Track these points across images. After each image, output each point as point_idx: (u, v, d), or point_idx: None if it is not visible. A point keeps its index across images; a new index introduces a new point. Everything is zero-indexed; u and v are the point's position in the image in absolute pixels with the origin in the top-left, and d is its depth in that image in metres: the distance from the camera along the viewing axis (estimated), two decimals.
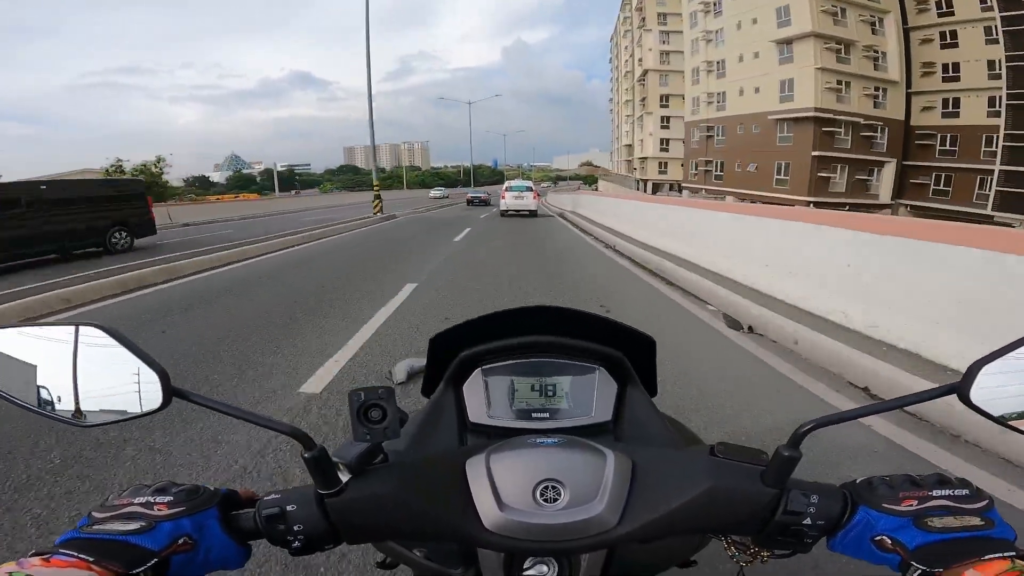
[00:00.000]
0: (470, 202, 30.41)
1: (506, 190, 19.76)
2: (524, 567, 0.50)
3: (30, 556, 0.37)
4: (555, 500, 0.44)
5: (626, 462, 0.46)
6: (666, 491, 0.45)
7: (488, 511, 0.44)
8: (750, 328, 4.29)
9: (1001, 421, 0.41)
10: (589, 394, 0.67)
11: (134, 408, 0.44)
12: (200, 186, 71.25)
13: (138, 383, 0.43)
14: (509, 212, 19.12)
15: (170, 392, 0.43)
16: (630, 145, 58.57)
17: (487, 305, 5.06)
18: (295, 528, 0.44)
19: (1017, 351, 0.40)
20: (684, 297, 5.60)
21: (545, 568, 0.50)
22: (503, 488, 0.45)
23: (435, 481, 0.46)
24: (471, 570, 0.55)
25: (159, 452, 2.33)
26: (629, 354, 0.69)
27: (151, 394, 0.43)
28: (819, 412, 0.65)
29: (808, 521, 0.44)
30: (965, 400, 0.40)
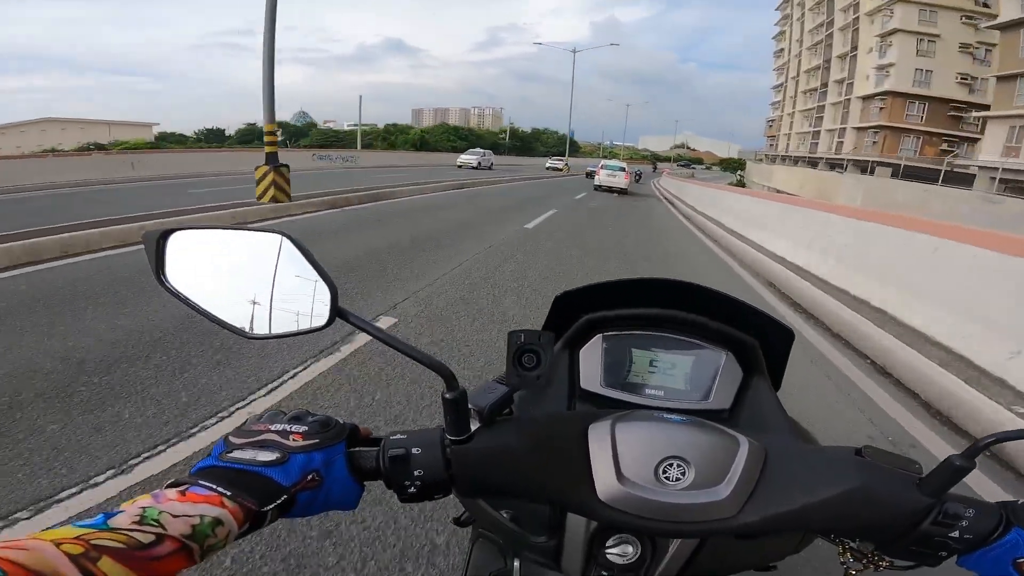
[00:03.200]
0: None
1: (601, 168, 21.38)
2: (607, 544, 0.49)
3: (166, 488, 0.37)
4: (678, 480, 0.43)
5: (759, 450, 0.44)
6: (801, 486, 0.43)
7: (606, 481, 0.43)
8: None
9: None
10: (710, 378, 0.64)
11: (302, 324, 0.44)
12: (215, 140, 66.88)
13: (311, 298, 0.43)
14: (603, 187, 20.53)
15: (335, 311, 0.42)
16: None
17: None
18: (415, 473, 0.43)
19: None
20: None
21: (630, 548, 0.49)
22: (625, 459, 0.43)
23: (557, 442, 0.45)
24: (554, 539, 0.53)
25: None
26: (763, 344, 0.66)
27: (319, 310, 0.43)
28: None
29: (956, 534, 0.41)
30: None
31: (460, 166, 32.63)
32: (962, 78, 35.81)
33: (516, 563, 0.58)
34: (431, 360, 0.42)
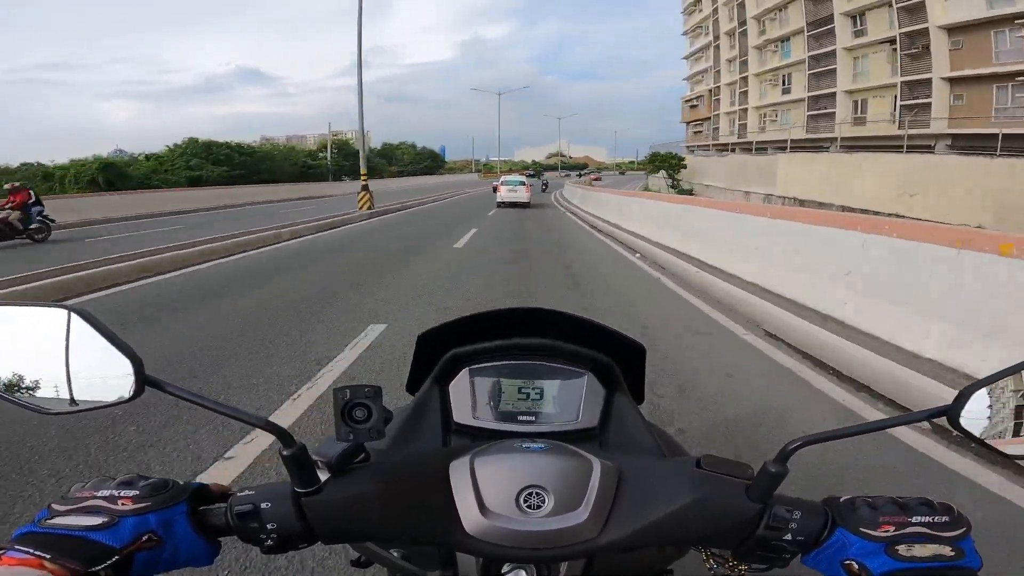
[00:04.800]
0: None
1: (501, 184, 20.92)
2: (502, 572, 0.50)
3: None
4: (539, 507, 0.44)
5: (612, 470, 0.46)
6: (651, 501, 0.44)
7: (470, 516, 0.43)
8: None
9: (982, 442, 0.43)
10: (576, 399, 0.66)
11: (105, 397, 0.42)
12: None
13: (111, 372, 0.42)
14: (505, 203, 20.06)
15: (143, 381, 0.42)
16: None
17: None
18: (268, 526, 0.43)
19: (1005, 380, 0.42)
20: None
21: (523, 574, 0.50)
22: (486, 493, 0.44)
23: (417, 483, 0.45)
24: (448, 573, 0.54)
25: None
26: (619, 360, 0.69)
27: (124, 383, 0.42)
28: None
29: (788, 537, 0.44)
30: (954, 423, 0.42)
31: None
32: None
33: None
34: (261, 420, 0.42)
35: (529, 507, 0.44)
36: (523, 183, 20.77)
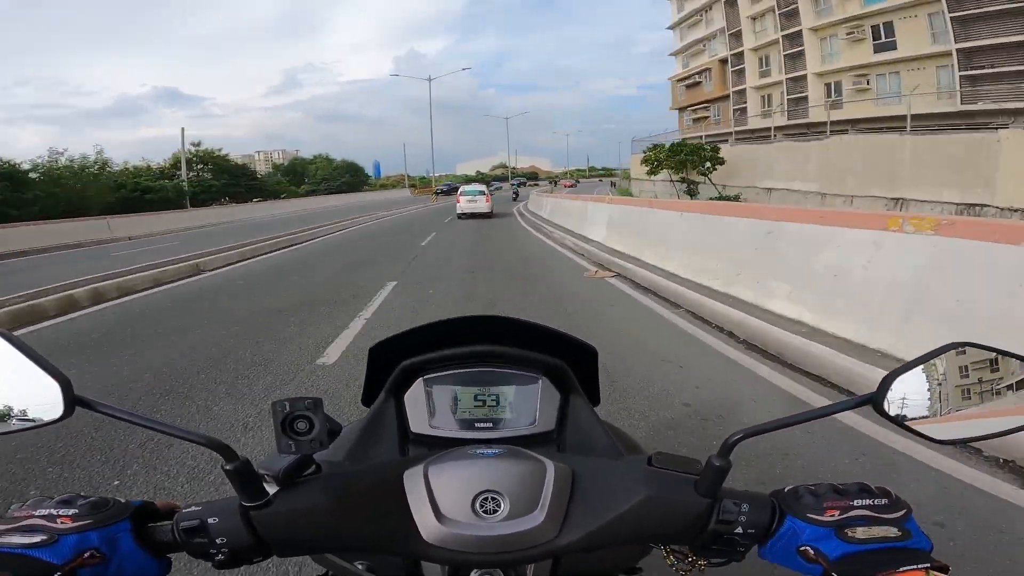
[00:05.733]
0: None
1: (460, 195, 20.66)
2: None
3: None
4: (495, 512, 0.44)
5: (566, 472, 0.46)
6: (605, 501, 0.45)
7: (427, 523, 0.43)
8: None
9: (907, 427, 0.45)
10: (532, 404, 0.67)
11: (34, 417, 0.41)
12: None
13: (38, 392, 0.41)
14: (465, 215, 19.72)
15: (73, 401, 0.41)
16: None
17: None
18: (218, 541, 0.43)
19: (924, 364, 0.44)
20: None
21: None
22: (442, 500, 0.44)
23: (371, 493, 0.45)
24: None
25: None
26: (572, 363, 0.69)
27: (51, 404, 0.41)
28: None
29: (740, 530, 0.45)
30: (879, 409, 0.44)
31: None
32: None
33: None
34: (200, 436, 0.42)
35: (485, 512, 0.44)
36: (483, 192, 20.50)
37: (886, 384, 0.44)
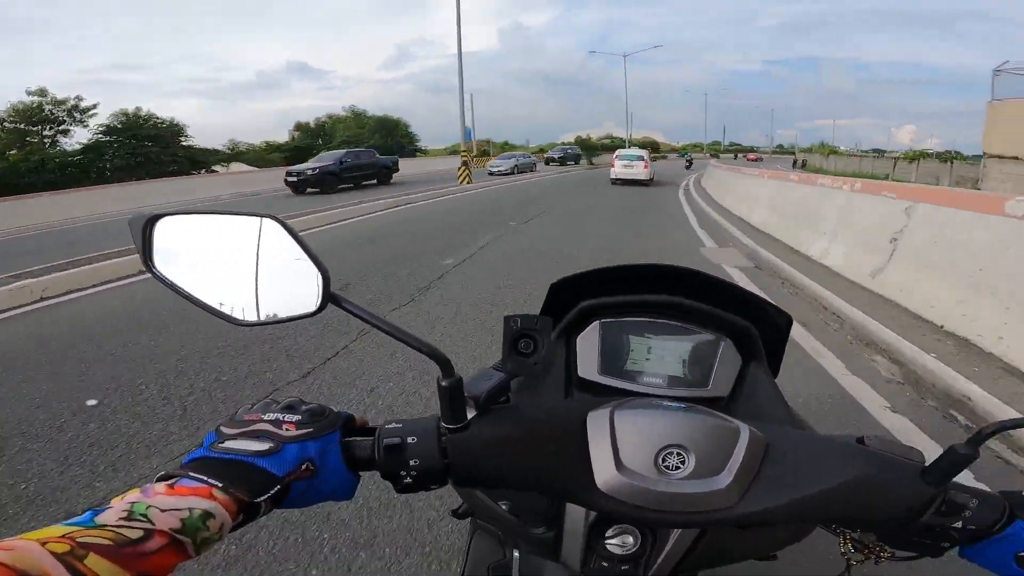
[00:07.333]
0: None
1: (616, 159, 19.38)
2: (607, 535, 0.49)
3: (156, 481, 0.36)
4: (677, 468, 0.42)
5: (760, 440, 0.43)
6: (802, 476, 0.42)
7: (604, 471, 0.42)
8: None
9: None
10: (709, 365, 0.63)
11: (292, 310, 0.42)
12: None
13: (302, 283, 0.41)
14: (619, 180, 18.53)
15: (327, 296, 0.41)
16: None
17: None
18: (411, 462, 0.42)
19: None
20: None
21: (630, 539, 0.49)
22: (624, 448, 0.42)
23: (554, 432, 0.44)
24: (553, 530, 0.53)
25: None
26: (760, 329, 0.65)
27: (310, 295, 0.41)
28: None
29: (959, 525, 0.41)
30: None
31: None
32: None
33: (515, 555, 0.58)
34: (426, 346, 0.41)
35: (667, 467, 0.42)
36: (641, 158, 18.93)
37: None
